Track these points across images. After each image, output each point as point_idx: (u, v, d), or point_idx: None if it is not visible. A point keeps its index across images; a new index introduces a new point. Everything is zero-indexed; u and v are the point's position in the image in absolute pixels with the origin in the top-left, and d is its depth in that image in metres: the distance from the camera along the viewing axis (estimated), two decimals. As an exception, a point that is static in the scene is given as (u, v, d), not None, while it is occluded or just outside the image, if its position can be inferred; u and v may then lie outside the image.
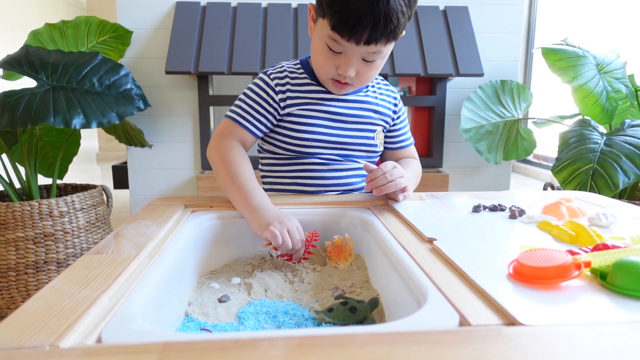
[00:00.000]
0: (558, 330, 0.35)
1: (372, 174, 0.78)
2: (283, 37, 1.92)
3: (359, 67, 0.81)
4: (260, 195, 0.76)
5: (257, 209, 0.73)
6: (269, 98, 0.89)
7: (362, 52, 0.78)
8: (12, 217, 1.41)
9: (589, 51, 1.75)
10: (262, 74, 0.92)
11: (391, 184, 0.76)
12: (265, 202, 0.75)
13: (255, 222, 0.71)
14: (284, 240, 0.67)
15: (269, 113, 0.89)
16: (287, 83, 0.90)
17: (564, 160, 1.47)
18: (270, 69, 0.92)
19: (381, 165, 0.78)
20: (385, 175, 0.76)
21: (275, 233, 0.67)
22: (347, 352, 0.32)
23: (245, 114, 0.88)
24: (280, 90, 0.89)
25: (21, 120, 1.32)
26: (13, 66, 1.47)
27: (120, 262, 0.51)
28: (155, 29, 2.00)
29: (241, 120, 0.87)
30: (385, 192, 0.77)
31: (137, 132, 1.89)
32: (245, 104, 0.89)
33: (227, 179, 0.79)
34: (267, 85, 0.90)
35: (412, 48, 1.93)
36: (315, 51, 0.84)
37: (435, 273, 0.48)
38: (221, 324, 0.55)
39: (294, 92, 0.89)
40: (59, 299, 0.40)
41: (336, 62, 0.81)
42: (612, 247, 0.50)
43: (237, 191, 0.77)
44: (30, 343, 0.33)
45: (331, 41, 0.78)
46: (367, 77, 0.84)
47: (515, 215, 0.71)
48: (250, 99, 0.89)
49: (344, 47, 0.78)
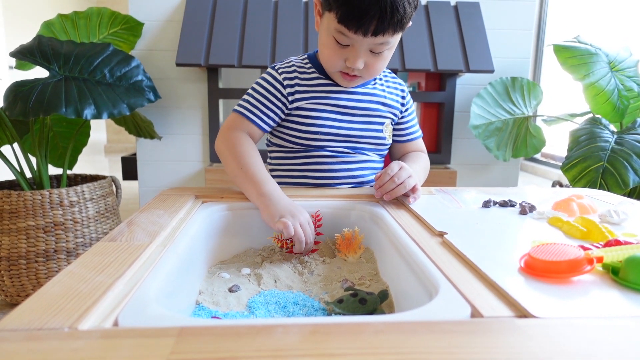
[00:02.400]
0: (570, 323, 0.35)
1: (379, 179, 0.78)
2: (293, 30, 1.92)
3: (367, 59, 0.82)
4: (271, 184, 0.76)
5: (269, 198, 0.73)
6: (277, 92, 0.89)
7: (370, 43, 0.78)
8: (23, 206, 1.43)
9: (601, 49, 1.73)
10: (270, 69, 0.93)
11: (400, 187, 0.76)
12: (277, 190, 0.75)
13: (267, 211, 0.72)
14: (295, 232, 0.68)
15: (277, 107, 0.89)
16: (295, 77, 0.90)
17: (574, 158, 1.46)
18: (279, 64, 0.93)
19: (387, 168, 0.78)
20: (393, 179, 0.76)
21: (287, 224, 0.67)
22: (361, 340, 0.32)
23: (253, 108, 0.88)
24: (289, 85, 0.89)
25: (33, 110, 1.33)
26: (26, 56, 1.48)
27: (134, 249, 0.51)
28: (166, 21, 2.00)
29: (249, 115, 0.88)
30: (395, 196, 0.77)
31: (147, 124, 1.90)
32: (253, 98, 0.89)
33: (238, 170, 0.80)
34: (275, 79, 0.90)
35: (422, 43, 1.92)
36: (322, 45, 0.85)
37: (447, 266, 0.49)
38: (232, 312, 0.56)
39: (303, 87, 0.90)
40: (76, 284, 0.41)
41: (344, 54, 0.82)
42: (625, 243, 0.50)
43: (249, 181, 0.77)
44: (50, 325, 0.34)
45: (338, 34, 0.78)
46: (375, 68, 0.84)
47: (525, 211, 0.71)
48: (259, 94, 0.89)
49: (352, 39, 0.78)
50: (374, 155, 0.96)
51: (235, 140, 0.84)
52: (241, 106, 0.89)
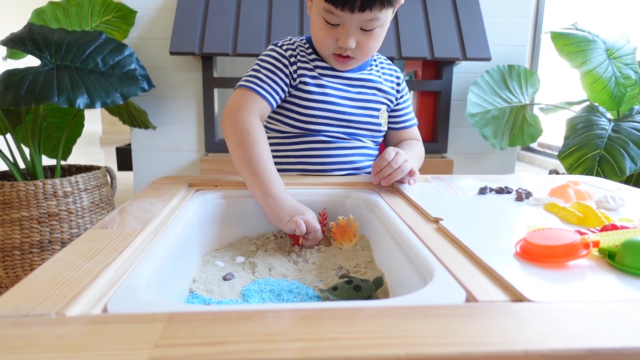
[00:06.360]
0: (565, 307, 0.35)
1: (376, 165, 0.77)
2: (288, 18, 1.90)
3: (359, 38, 0.82)
4: (278, 185, 0.73)
5: (276, 200, 0.71)
6: (284, 67, 0.87)
7: (359, 20, 0.79)
8: (16, 197, 1.41)
9: (599, 36, 1.72)
10: (272, 46, 0.91)
11: (398, 171, 0.76)
12: (282, 191, 0.73)
13: (274, 214, 0.70)
14: (309, 225, 0.68)
15: (284, 83, 0.87)
16: (297, 54, 0.90)
17: (571, 146, 1.46)
18: (280, 41, 0.92)
19: (383, 154, 0.78)
20: (391, 164, 0.76)
21: (299, 222, 0.67)
22: (354, 324, 0.32)
23: (261, 82, 0.84)
24: (294, 62, 0.89)
25: (25, 99, 1.31)
26: (17, 44, 1.46)
27: (126, 236, 0.50)
28: (159, 9, 1.97)
29: (258, 89, 0.83)
30: (393, 181, 0.77)
31: (141, 114, 1.88)
32: (261, 73, 0.86)
33: (245, 161, 0.75)
34: (281, 55, 0.89)
35: (418, 31, 1.90)
36: (314, 27, 0.85)
37: (442, 251, 0.48)
38: (225, 300, 0.55)
39: (304, 64, 0.90)
40: (65, 270, 0.40)
41: (335, 34, 0.82)
42: (621, 228, 0.49)
43: (255, 177, 0.73)
44: (37, 311, 0.33)
45: (327, 13, 0.79)
46: (368, 47, 0.84)
47: (522, 197, 0.70)
48: (265, 69, 0.86)
49: (340, 17, 0.79)
50: (369, 142, 0.95)
51: (245, 125, 0.78)
52: (248, 81, 0.84)
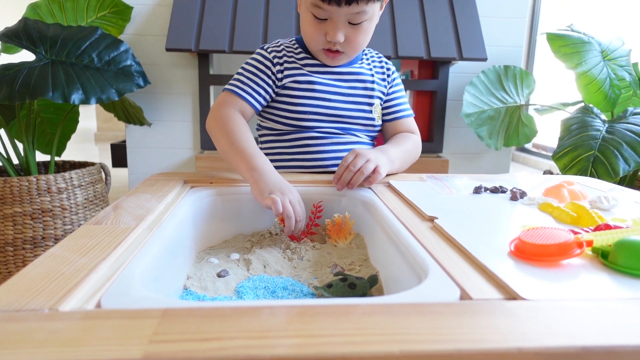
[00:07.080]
0: (559, 305, 0.35)
1: (335, 174, 0.77)
2: (285, 15, 1.89)
3: (347, 32, 0.83)
4: (262, 158, 0.75)
5: (260, 172, 0.72)
6: (267, 70, 0.90)
7: (346, 14, 0.80)
8: (9, 192, 1.40)
9: (594, 37, 1.73)
10: (259, 49, 0.94)
11: (358, 174, 0.75)
12: (267, 165, 0.74)
13: (256, 186, 0.70)
14: (284, 208, 0.66)
15: (267, 85, 0.89)
16: (284, 56, 0.91)
17: (565, 146, 1.46)
18: (267, 45, 0.94)
19: (342, 160, 0.77)
20: (349, 169, 0.75)
21: (275, 199, 0.66)
22: (348, 321, 0.32)
23: (244, 86, 0.88)
24: (278, 63, 0.90)
25: (19, 94, 1.30)
26: (11, 39, 1.45)
27: (120, 232, 0.50)
28: (155, 5, 1.96)
29: (240, 92, 0.88)
30: (357, 184, 0.76)
31: (137, 110, 1.87)
32: (244, 76, 0.89)
33: (228, 146, 0.79)
34: (265, 58, 0.91)
35: (415, 31, 1.90)
36: (303, 23, 0.86)
37: (436, 249, 0.48)
38: (220, 297, 0.55)
39: (291, 65, 0.91)
40: (58, 266, 0.40)
41: (323, 29, 0.83)
42: (615, 228, 0.50)
43: (239, 156, 0.76)
44: (30, 306, 0.33)
45: (315, 8, 0.80)
46: (357, 42, 0.85)
47: (516, 197, 0.71)
48: (249, 72, 0.90)
49: (328, 11, 0.80)
50: (364, 137, 0.95)
51: (225, 116, 0.83)
52: (232, 85, 0.89)
